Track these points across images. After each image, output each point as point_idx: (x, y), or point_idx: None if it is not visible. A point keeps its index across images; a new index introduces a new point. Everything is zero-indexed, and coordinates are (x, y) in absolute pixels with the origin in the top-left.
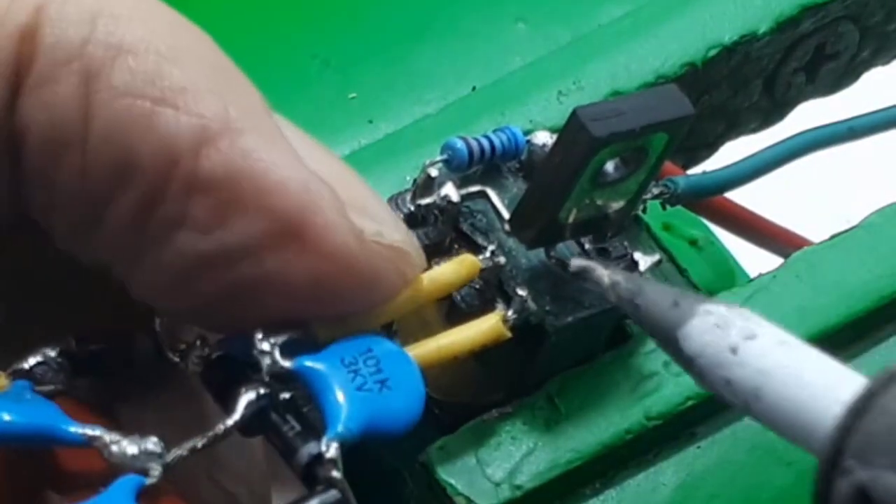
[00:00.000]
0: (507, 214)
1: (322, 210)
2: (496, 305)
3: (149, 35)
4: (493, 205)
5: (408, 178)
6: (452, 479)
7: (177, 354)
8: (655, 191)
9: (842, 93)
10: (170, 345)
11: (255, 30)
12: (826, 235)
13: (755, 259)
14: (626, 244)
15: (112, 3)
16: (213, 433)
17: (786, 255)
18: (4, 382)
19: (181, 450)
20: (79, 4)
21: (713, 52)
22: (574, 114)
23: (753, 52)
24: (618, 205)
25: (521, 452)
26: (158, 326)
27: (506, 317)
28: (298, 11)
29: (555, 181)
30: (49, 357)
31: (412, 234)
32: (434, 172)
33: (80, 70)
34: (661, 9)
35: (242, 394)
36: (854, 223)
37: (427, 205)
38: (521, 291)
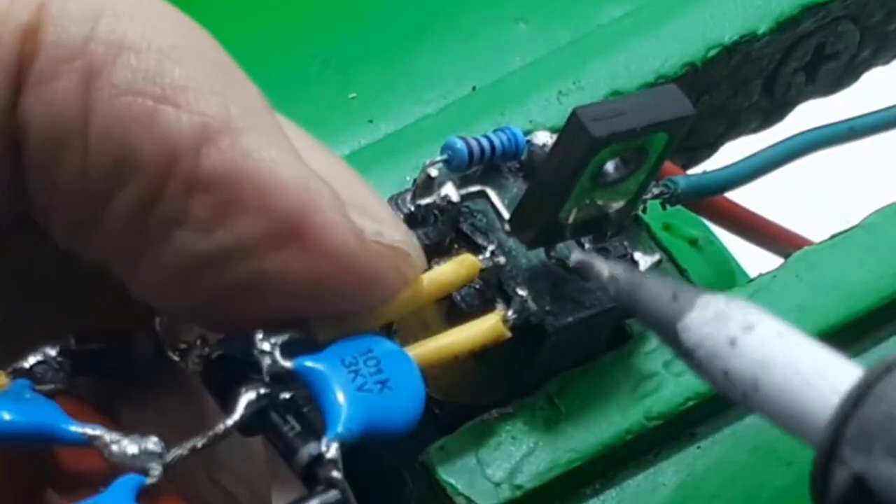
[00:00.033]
0: (507, 214)
1: (322, 209)
2: (496, 305)
3: (150, 33)
4: (493, 205)
5: (408, 178)
6: (453, 479)
7: (177, 354)
8: (655, 191)
9: (842, 93)
10: (170, 344)
11: (255, 30)
12: (826, 235)
13: (755, 259)
14: (626, 244)
15: (114, 1)
16: (213, 433)
17: (786, 255)
18: (4, 381)
19: (181, 449)
20: (81, 2)
21: (713, 52)
22: (574, 114)
23: (753, 52)
24: (618, 205)
25: (522, 452)
26: (158, 326)
27: (506, 317)
28: (298, 11)
29: (555, 181)
30: (49, 356)
31: (412, 235)
32: (434, 172)
33: (82, 68)
34: (661, 9)
35: (242, 393)
36: (854, 223)
37: (427, 205)
38: (521, 291)
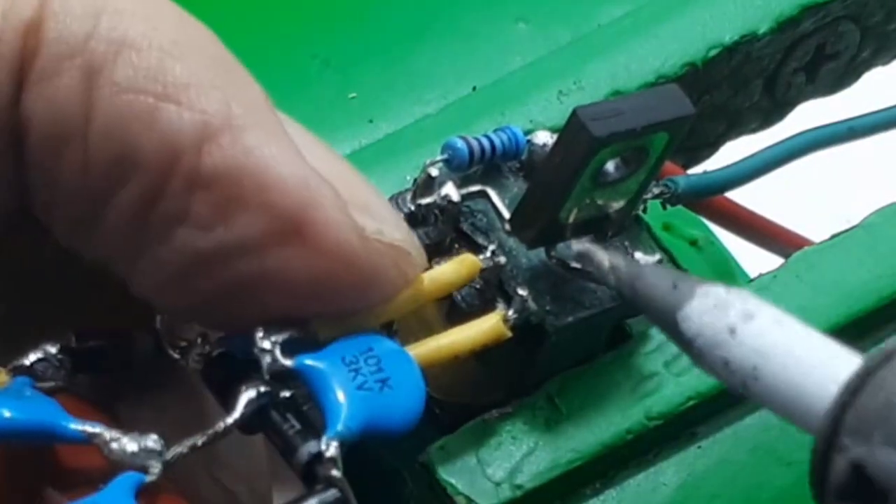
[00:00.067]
0: (508, 214)
1: (323, 207)
2: (496, 305)
3: (152, 31)
4: (494, 204)
5: (408, 178)
6: (453, 479)
7: (177, 352)
8: (656, 190)
9: (842, 93)
10: (170, 342)
11: (255, 30)
12: (826, 235)
13: (755, 259)
14: (627, 244)
15: None
16: (213, 431)
17: (786, 255)
18: (5, 379)
19: (181, 447)
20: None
21: (714, 52)
22: (574, 113)
23: (754, 52)
24: (618, 204)
25: (522, 452)
26: (159, 324)
27: (506, 316)
28: (298, 11)
29: (555, 181)
30: (50, 353)
31: (413, 234)
32: (434, 172)
33: (83, 65)
34: (662, 9)
35: (243, 392)
36: (854, 223)
37: (427, 204)
38: (522, 291)
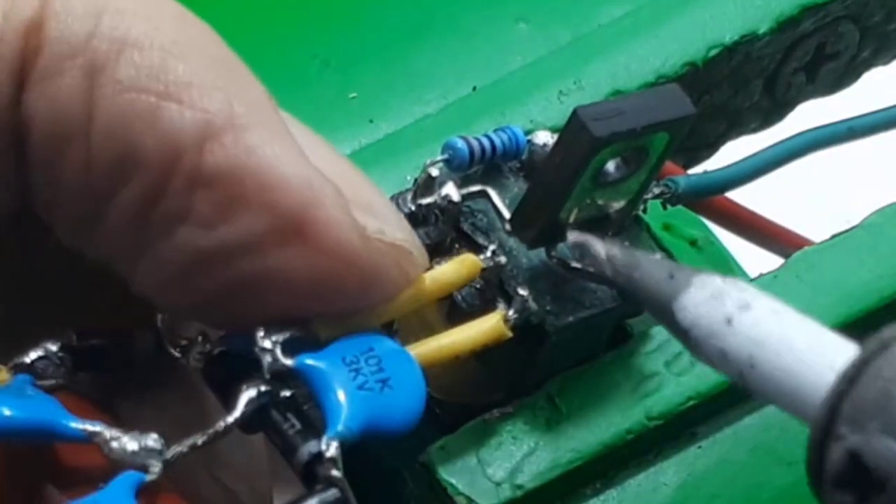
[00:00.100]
0: (508, 214)
1: (325, 206)
2: (497, 305)
3: (153, 30)
4: (494, 204)
5: (408, 178)
6: (453, 479)
7: (178, 350)
8: (656, 190)
9: (842, 93)
10: (171, 341)
11: (255, 30)
12: (826, 235)
13: (755, 259)
14: (627, 244)
15: None
16: (214, 430)
17: (786, 255)
18: (5, 376)
19: (181, 446)
20: None
21: (714, 52)
22: (575, 113)
23: (754, 52)
24: (618, 204)
25: (522, 452)
26: (160, 322)
27: (507, 316)
28: (298, 11)
29: (555, 181)
30: (50, 351)
31: (415, 233)
32: (435, 172)
33: (85, 64)
34: (662, 9)
35: (243, 391)
36: (854, 223)
37: (428, 204)
38: (522, 291)
